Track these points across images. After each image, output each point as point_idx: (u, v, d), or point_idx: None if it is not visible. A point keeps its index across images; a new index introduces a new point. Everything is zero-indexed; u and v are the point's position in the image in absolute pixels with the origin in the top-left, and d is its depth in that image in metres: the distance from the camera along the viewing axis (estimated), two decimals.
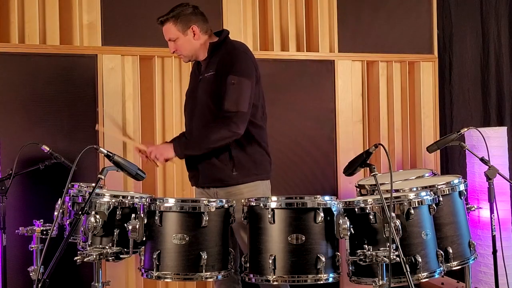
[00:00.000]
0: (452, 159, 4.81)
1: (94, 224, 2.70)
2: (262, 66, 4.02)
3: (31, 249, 2.99)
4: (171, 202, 2.61)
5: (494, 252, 3.18)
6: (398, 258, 2.36)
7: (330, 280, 2.54)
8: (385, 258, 2.40)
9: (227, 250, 2.69)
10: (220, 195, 2.99)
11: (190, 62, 3.19)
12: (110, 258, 2.70)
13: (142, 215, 2.64)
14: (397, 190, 2.81)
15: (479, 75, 4.84)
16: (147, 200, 2.69)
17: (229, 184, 2.96)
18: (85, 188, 3.10)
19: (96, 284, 2.69)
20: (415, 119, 4.66)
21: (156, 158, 2.97)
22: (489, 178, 3.16)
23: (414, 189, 2.84)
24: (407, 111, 4.62)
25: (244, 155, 2.96)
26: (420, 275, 2.55)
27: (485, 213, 3.77)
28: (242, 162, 2.95)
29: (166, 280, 2.63)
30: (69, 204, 3.07)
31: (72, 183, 3.14)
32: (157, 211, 2.60)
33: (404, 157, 4.63)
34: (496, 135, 3.98)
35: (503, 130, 4.07)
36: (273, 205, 2.54)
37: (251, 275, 2.59)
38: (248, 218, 2.64)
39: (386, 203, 2.42)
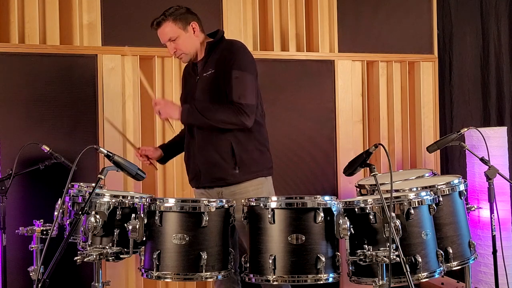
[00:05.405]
0: (452, 159, 4.81)
1: (94, 224, 2.70)
2: (262, 66, 4.04)
3: (31, 249, 3.00)
4: (171, 202, 2.61)
5: (494, 252, 3.18)
6: (398, 258, 2.36)
7: (330, 280, 2.54)
8: (385, 258, 2.40)
9: (227, 250, 2.69)
10: (225, 194, 2.98)
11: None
12: (110, 258, 2.70)
13: (142, 215, 2.64)
14: (397, 190, 2.81)
15: (479, 75, 4.84)
16: (147, 200, 2.69)
17: (232, 182, 2.96)
18: (85, 188, 3.11)
19: (96, 284, 2.69)
20: (415, 119, 4.66)
21: (158, 112, 2.96)
22: (489, 178, 3.16)
23: (414, 189, 2.84)
24: (407, 111, 4.62)
25: (245, 153, 2.95)
26: (420, 275, 2.55)
27: (485, 213, 3.77)
28: (243, 159, 2.95)
29: (166, 280, 2.63)
30: (69, 204, 3.07)
31: (72, 183, 3.15)
32: (157, 211, 2.60)
33: (404, 157, 4.63)
34: (496, 135, 3.97)
35: (503, 130, 4.06)
36: (273, 205, 2.54)
37: (251, 275, 2.59)
38: (248, 218, 2.63)
39: (386, 203, 2.42)
